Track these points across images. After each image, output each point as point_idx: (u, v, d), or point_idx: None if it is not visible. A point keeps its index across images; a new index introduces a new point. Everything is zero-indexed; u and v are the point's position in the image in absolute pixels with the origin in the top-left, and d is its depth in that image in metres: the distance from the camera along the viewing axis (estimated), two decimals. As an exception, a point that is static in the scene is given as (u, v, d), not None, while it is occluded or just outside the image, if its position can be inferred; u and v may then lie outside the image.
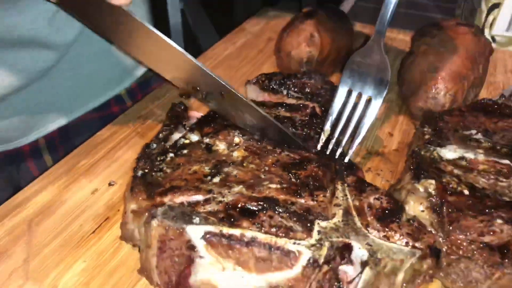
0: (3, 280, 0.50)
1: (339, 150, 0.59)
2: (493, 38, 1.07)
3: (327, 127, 0.61)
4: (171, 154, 0.57)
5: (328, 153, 0.60)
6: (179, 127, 0.64)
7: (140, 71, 0.93)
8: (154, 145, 0.59)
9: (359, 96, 0.62)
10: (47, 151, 0.83)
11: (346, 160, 0.59)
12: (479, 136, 0.65)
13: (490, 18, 1.05)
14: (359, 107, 0.61)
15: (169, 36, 0.59)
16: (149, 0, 0.95)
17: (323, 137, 0.61)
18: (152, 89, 0.87)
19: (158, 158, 0.57)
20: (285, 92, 0.73)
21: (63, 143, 0.83)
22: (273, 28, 1.09)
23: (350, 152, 0.59)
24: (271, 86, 0.74)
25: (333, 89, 0.73)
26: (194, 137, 0.60)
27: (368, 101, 0.61)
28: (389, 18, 0.62)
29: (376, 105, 0.60)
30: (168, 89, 0.87)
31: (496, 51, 1.02)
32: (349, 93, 0.63)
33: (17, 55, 0.70)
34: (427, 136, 0.65)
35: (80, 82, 0.81)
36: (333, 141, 0.60)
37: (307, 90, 0.73)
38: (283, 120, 0.65)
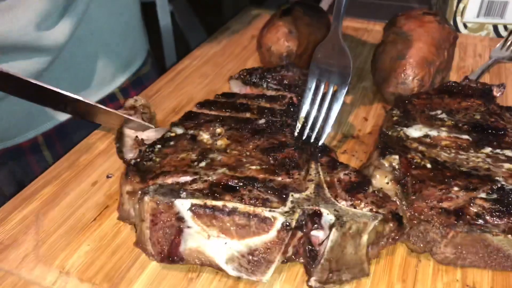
0: (16, 264, 0.56)
1: (314, 135, 0.65)
2: (465, 24, 1.13)
3: (302, 115, 0.67)
4: (159, 146, 0.63)
5: (304, 138, 0.65)
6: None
7: (132, 69, 0.98)
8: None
9: (327, 86, 0.68)
10: (46, 147, 0.88)
11: (320, 143, 0.64)
12: (443, 115, 0.71)
13: (461, 6, 1.11)
14: (328, 96, 0.67)
15: (159, 37, 0.67)
16: (140, 3, 1.00)
17: (298, 125, 0.67)
18: (145, 87, 0.93)
19: (147, 150, 0.62)
20: (265, 85, 0.79)
21: (60, 139, 0.88)
22: (255, 26, 1.15)
23: (324, 136, 0.65)
24: (252, 80, 0.80)
25: None
26: (179, 130, 0.66)
27: (335, 90, 0.67)
28: (343, 8, 0.67)
29: (342, 92, 0.65)
30: (161, 86, 0.92)
31: (466, 37, 1.08)
32: (318, 83, 0.68)
33: (10, 60, 0.74)
34: (395, 118, 0.70)
35: (74, 82, 0.85)
36: (308, 127, 0.66)
37: (285, 82, 0.79)
38: (264, 110, 0.71)
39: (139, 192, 0.54)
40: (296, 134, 0.66)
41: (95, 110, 0.70)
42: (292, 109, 0.71)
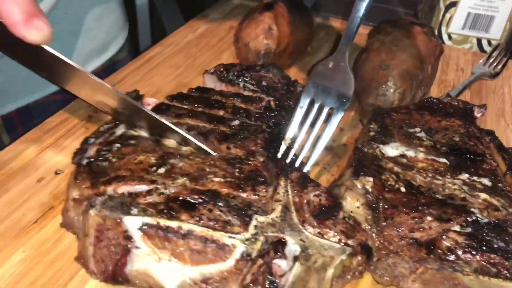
0: None
1: (299, 160, 0.60)
2: (449, 35, 1.09)
3: (288, 135, 0.62)
4: (118, 145, 0.57)
5: (288, 161, 0.60)
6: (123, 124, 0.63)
7: (107, 55, 0.91)
8: (92, 140, 0.59)
9: (321, 107, 0.63)
10: (5, 131, 0.81)
11: (306, 170, 0.60)
12: (422, 134, 0.67)
13: (447, 16, 1.08)
14: (320, 119, 0.62)
15: (135, 17, 0.60)
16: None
17: (283, 146, 0.62)
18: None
19: (104, 148, 0.56)
20: (242, 84, 0.74)
21: (23, 124, 0.81)
22: (236, 17, 1.08)
23: (310, 162, 0.60)
24: (228, 78, 0.75)
25: (290, 84, 0.74)
26: (143, 132, 0.60)
27: (329, 113, 0.62)
28: (355, 33, 0.63)
29: (337, 117, 0.61)
30: (126, 74, 0.86)
31: (450, 49, 1.05)
32: (312, 103, 0.64)
33: None
34: (372, 133, 0.66)
35: None
36: (293, 150, 0.61)
37: (264, 83, 0.73)
38: (239, 110, 0.66)
39: (85, 203, 0.48)
40: (279, 155, 0.61)
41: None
42: (268, 114, 0.66)
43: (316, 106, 0.63)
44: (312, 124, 0.62)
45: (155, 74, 0.86)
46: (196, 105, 0.67)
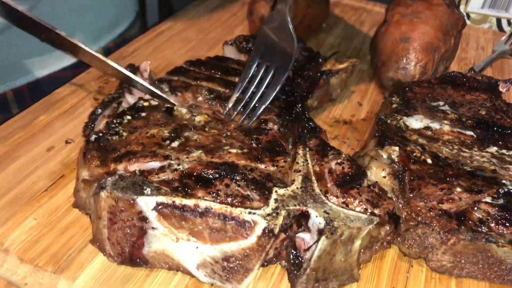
0: None
1: (243, 116, 0.58)
2: (467, 14, 1.06)
3: (234, 97, 0.60)
4: (129, 117, 0.55)
5: (235, 115, 0.58)
6: (127, 92, 0.61)
7: (118, 30, 0.89)
8: (99, 110, 0.56)
9: (266, 66, 0.61)
10: (16, 105, 0.79)
11: (251, 122, 0.57)
12: (446, 107, 0.64)
13: (466, -6, 1.04)
14: (267, 77, 0.60)
15: None
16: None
17: (230, 104, 0.59)
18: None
19: (115, 121, 0.54)
20: None
21: (34, 98, 0.79)
22: (248, -8, 1.05)
23: (254, 118, 0.57)
24: (248, 48, 0.72)
25: (311, 56, 0.71)
26: (154, 102, 0.58)
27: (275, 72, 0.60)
28: None
29: (280, 78, 0.59)
30: (135, 48, 0.83)
31: (469, 28, 1.01)
32: (260, 62, 0.62)
33: None
34: (394, 105, 0.64)
35: None
36: (239, 107, 0.59)
37: None
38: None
39: (95, 184, 0.45)
40: (225, 111, 0.59)
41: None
42: (287, 82, 0.63)
43: (263, 65, 0.62)
44: (260, 81, 0.61)
45: (166, 48, 0.84)
46: (213, 71, 0.65)
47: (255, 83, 0.60)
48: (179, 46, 0.85)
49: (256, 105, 0.58)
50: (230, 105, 0.59)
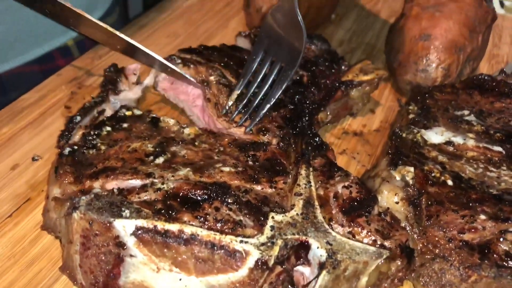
0: None
1: (244, 117, 0.60)
2: (501, 2, 1.07)
3: (236, 90, 0.62)
4: (108, 128, 0.56)
5: (233, 117, 0.60)
6: (111, 96, 0.63)
7: (94, 17, 0.90)
8: (78, 118, 0.58)
9: (273, 61, 0.63)
10: None
11: (247, 130, 0.59)
12: (471, 117, 0.65)
13: (499, -22, 1.05)
14: (271, 75, 0.62)
15: None
16: None
17: (230, 102, 0.62)
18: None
19: (92, 132, 0.55)
20: None
21: None
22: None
23: (257, 119, 0.59)
24: None
25: (334, 61, 0.73)
26: (137, 111, 0.59)
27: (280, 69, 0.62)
28: None
29: (288, 75, 0.61)
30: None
31: (502, 18, 1.02)
32: (264, 57, 0.64)
33: None
34: (411, 116, 0.65)
35: (18, 26, 0.77)
36: (240, 106, 0.61)
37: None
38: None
39: (67, 204, 0.47)
40: (223, 111, 0.61)
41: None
42: (295, 89, 0.65)
43: (268, 59, 0.64)
44: (263, 79, 0.63)
45: (149, 44, 0.85)
46: (226, 59, 0.68)
47: (258, 80, 0.62)
48: (166, 42, 0.86)
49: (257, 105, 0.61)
50: (230, 103, 0.61)
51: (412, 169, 0.54)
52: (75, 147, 0.53)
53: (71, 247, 0.45)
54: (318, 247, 0.44)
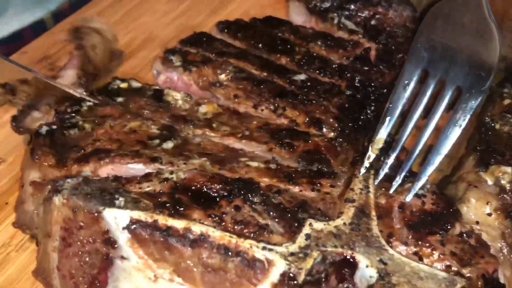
0: None
1: (401, 175, 0.55)
2: None
3: (380, 135, 0.59)
4: (90, 103, 0.60)
5: (379, 178, 0.56)
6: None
7: None
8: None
9: (440, 84, 0.58)
10: None
11: (409, 198, 0.54)
12: None
13: None
14: (440, 105, 0.57)
15: None
16: None
17: (370, 153, 0.58)
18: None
19: (67, 109, 0.59)
20: (336, 19, 0.77)
21: None
22: None
23: (418, 184, 0.54)
24: (322, 7, 0.78)
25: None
26: (136, 83, 0.63)
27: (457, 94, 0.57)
28: None
29: (471, 105, 0.56)
30: (101, 10, 0.88)
31: None
32: (426, 79, 0.59)
33: None
34: (507, 101, 0.66)
35: None
36: (390, 160, 0.57)
37: (374, 23, 0.76)
38: (312, 60, 0.69)
39: (49, 186, 0.49)
40: (363, 170, 0.57)
41: None
42: (356, 68, 0.67)
43: (431, 83, 0.59)
44: (425, 116, 0.58)
45: (144, 12, 0.88)
46: (252, 42, 0.71)
47: (416, 116, 0.58)
48: (165, 10, 0.90)
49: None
50: (371, 154, 0.57)
51: (509, 169, 0.56)
52: (54, 127, 0.57)
53: (49, 243, 0.48)
54: (367, 266, 0.46)
